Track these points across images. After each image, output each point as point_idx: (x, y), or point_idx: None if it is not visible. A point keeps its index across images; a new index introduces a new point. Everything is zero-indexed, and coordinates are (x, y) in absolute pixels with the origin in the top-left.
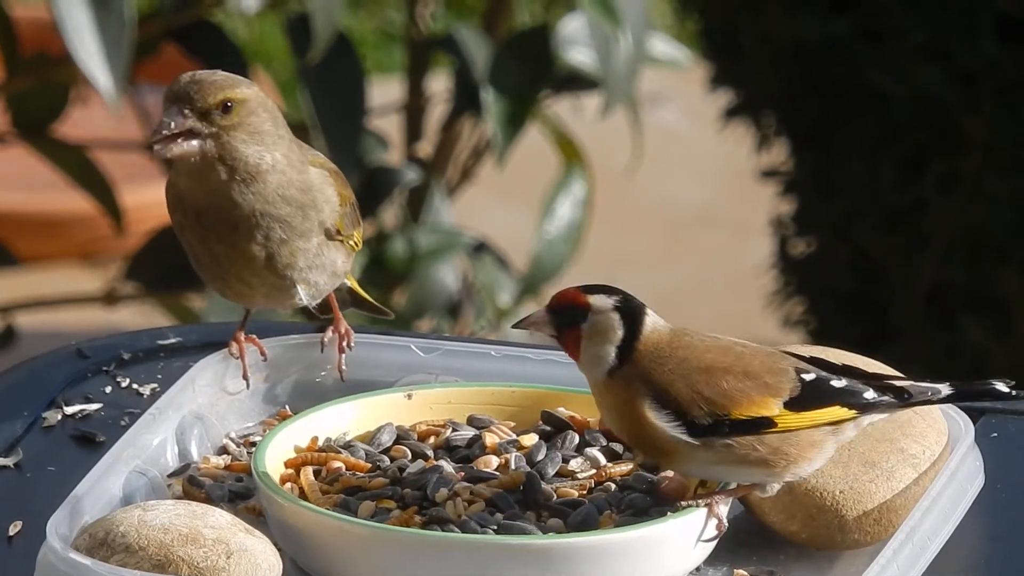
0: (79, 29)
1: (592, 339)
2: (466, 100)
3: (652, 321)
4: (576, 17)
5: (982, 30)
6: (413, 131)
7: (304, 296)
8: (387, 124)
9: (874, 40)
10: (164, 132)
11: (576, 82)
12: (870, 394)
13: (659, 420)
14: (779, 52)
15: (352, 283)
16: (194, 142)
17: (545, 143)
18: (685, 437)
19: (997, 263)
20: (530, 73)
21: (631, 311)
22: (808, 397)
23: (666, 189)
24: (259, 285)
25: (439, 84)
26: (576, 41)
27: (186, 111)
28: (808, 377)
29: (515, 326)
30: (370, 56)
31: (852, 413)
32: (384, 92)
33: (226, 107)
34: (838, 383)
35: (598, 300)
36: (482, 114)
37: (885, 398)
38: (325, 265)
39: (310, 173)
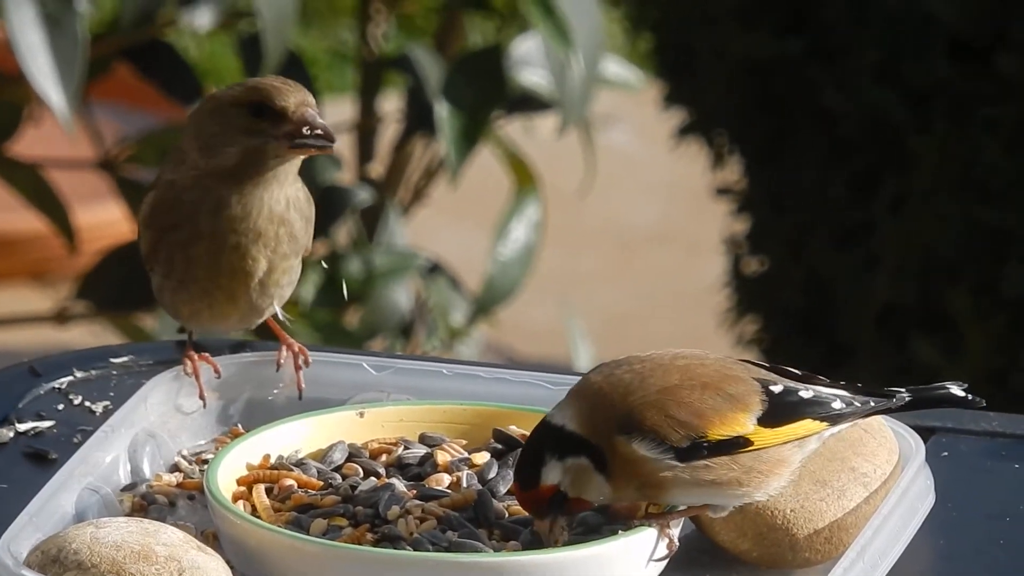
0: (32, 48)
1: (584, 486)
2: (418, 120)
3: (570, 415)
4: (529, 38)
5: (933, 50)
6: (365, 151)
7: (279, 313)
8: (339, 145)
9: (826, 59)
10: (326, 139)
11: (528, 103)
12: (838, 404)
13: (646, 451)
14: (732, 70)
15: None
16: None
17: (497, 165)
18: (673, 462)
19: (948, 283)
20: (482, 93)
21: (563, 440)
22: (779, 411)
23: (617, 210)
24: (244, 304)
25: (391, 104)
26: (529, 62)
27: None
28: (776, 389)
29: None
30: (322, 76)
31: (823, 426)
32: (336, 112)
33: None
34: (805, 393)
35: (551, 473)
36: (435, 134)
37: (853, 406)
38: (294, 281)
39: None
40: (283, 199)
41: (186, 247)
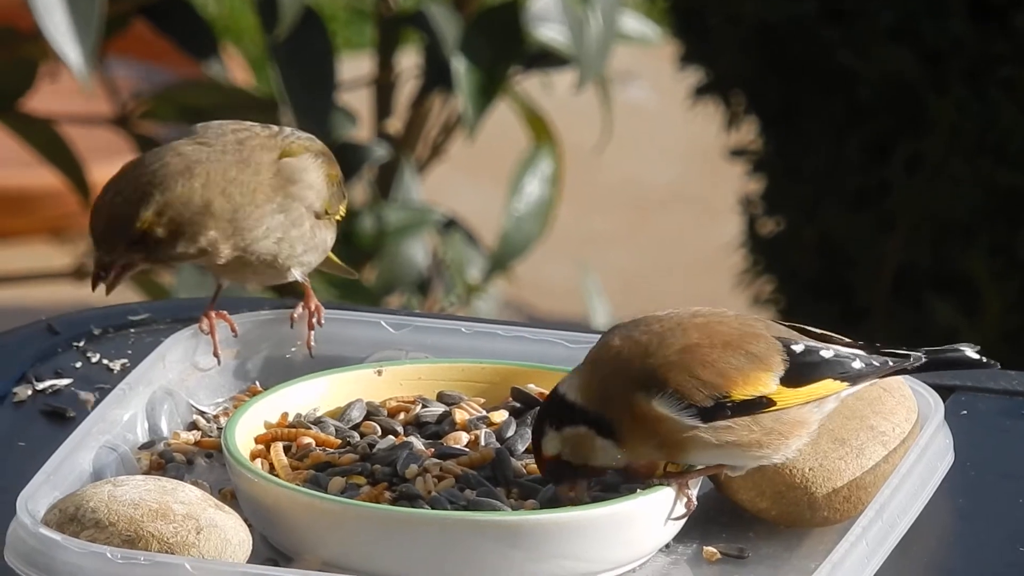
0: (49, 4)
1: (587, 453)
2: (436, 76)
3: (576, 385)
4: None
5: (951, 10)
6: (383, 107)
7: (299, 275)
8: (357, 101)
9: (841, 21)
10: (100, 282)
11: (546, 59)
12: (857, 364)
13: (667, 410)
14: (746, 34)
15: None
16: (134, 268)
17: (515, 122)
18: (695, 422)
19: (963, 245)
20: (500, 49)
21: (561, 410)
22: (800, 370)
23: (634, 169)
24: (252, 274)
25: (409, 60)
26: (546, 18)
27: (110, 257)
28: (797, 348)
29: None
30: (340, 33)
31: (843, 386)
32: (354, 68)
33: (146, 233)
34: (826, 352)
35: (549, 443)
36: (452, 90)
37: (872, 366)
38: (318, 245)
39: (285, 167)
40: (222, 256)
41: None
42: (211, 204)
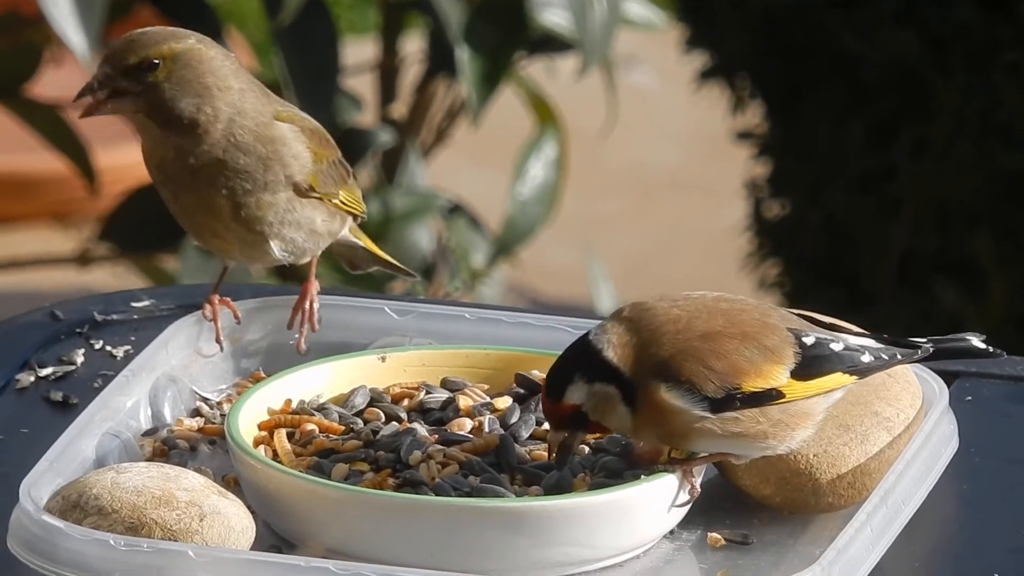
0: None
1: (606, 414)
2: (440, 61)
3: (612, 342)
4: None
5: None
6: (387, 92)
7: (278, 252)
8: (361, 86)
9: (845, 5)
10: (87, 94)
11: (550, 44)
12: (866, 357)
13: (679, 401)
14: (750, 17)
15: (369, 245)
16: (125, 100)
17: (519, 106)
18: (705, 413)
19: (969, 229)
20: (504, 34)
21: (597, 365)
22: (811, 364)
23: (639, 152)
24: (232, 239)
25: (413, 45)
26: (550, 2)
27: (108, 72)
28: (808, 340)
29: (556, 463)
30: (344, 17)
31: (851, 379)
32: (358, 53)
33: (152, 64)
34: (836, 346)
35: (575, 393)
36: (456, 75)
37: (880, 359)
38: (300, 222)
39: (276, 127)
40: (194, 142)
41: (159, 188)
42: (226, 91)
